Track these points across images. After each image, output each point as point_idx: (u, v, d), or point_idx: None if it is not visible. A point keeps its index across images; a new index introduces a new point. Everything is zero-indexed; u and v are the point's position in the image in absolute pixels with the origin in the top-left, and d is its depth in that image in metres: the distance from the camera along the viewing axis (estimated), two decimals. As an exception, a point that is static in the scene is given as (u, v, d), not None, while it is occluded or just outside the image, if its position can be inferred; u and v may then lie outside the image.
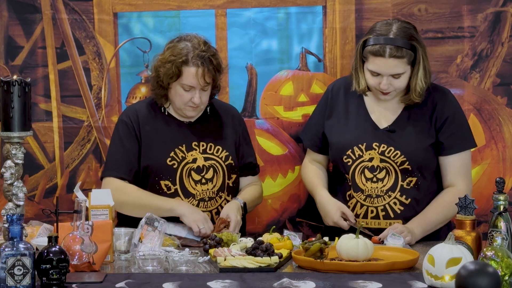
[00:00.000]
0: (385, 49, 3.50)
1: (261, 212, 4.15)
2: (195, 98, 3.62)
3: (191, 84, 3.62)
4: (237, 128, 3.82)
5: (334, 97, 3.74)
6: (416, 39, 3.55)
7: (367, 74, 3.59)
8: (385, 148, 3.60)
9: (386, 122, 3.66)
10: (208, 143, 3.73)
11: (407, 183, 3.61)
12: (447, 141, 3.62)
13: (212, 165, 3.71)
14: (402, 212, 3.61)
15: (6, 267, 2.70)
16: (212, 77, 3.64)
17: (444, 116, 3.62)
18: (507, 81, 4.10)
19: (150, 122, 3.74)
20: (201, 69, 3.60)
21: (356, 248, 3.04)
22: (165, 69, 3.62)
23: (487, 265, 2.45)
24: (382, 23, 3.59)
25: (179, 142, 3.70)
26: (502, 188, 2.99)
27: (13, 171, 3.00)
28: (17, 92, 2.96)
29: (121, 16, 4.14)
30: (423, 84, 3.58)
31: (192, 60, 3.60)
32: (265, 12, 4.12)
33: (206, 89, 3.65)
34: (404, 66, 3.53)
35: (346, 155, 3.64)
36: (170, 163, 3.68)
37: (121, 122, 3.76)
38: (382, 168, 3.61)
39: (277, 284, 2.82)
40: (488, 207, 3.67)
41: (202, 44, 3.64)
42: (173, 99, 3.68)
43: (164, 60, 3.64)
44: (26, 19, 4.12)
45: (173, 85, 3.65)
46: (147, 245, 3.22)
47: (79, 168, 4.17)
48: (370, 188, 3.63)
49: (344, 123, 3.69)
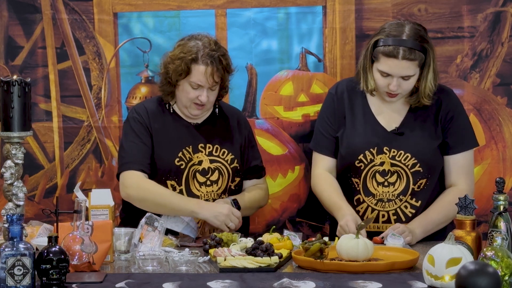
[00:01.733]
0: (399, 51, 3.48)
1: (261, 212, 4.14)
2: (202, 97, 3.62)
3: (199, 82, 3.61)
4: (243, 131, 3.81)
5: (339, 101, 3.71)
6: (428, 41, 3.54)
7: (376, 74, 3.57)
8: (395, 153, 3.59)
9: (393, 124, 3.64)
10: (215, 145, 3.72)
11: (418, 185, 3.60)
12: (452, 140, 3.62)
13: (217, 167, 3.71)
14: (413, 215, 3.60)
15: (6, 267, 2.70)
16: (220, 76, 3.64)
17: (449, 115, 3.62)
18: (507, 81, 4.10)
19: (159, 119, 3.72)
20: (210, 67, 3.60)
21: (356, 248, 3.04)
22: (174, 65, 3.62)
23: (487, 265, 2.45)
24: (393, 23, 3.57)
25: (186, 143, 3.70)
26: (502, 188, 2.99)
27: (13, 171, 3.00)
28: (17, 92, 2.96)
29: (121, 16, 4.14)
30: (433, 86, 3.57)
31: (202, 58, 3.60)
32: (265, 12, 4.12)
33: (214, 88, 3.65)
34: (414, 68, 3.52)
35: (358, 160, 3.61)
36: (178, 163, 3.67)
37: (132, 119, 3.72)
38: (393, 172, 3.60)
39: (277, 284, 2.82)
40: (488, 207, 3.67)
41: (212, 43, 3.64)
42: (180, 96, 3.67)
43: (174, 57, 3.64)
44: (26, 19, 4.12)
45: (182, 82, 3.64)
46: (147, 245, 3.22)
47: (79, 168, 4.17)
48: (381, 193, 3.61)
49: (352, 127, 3.67)
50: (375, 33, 3.60)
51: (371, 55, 3.56)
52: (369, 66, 3.59)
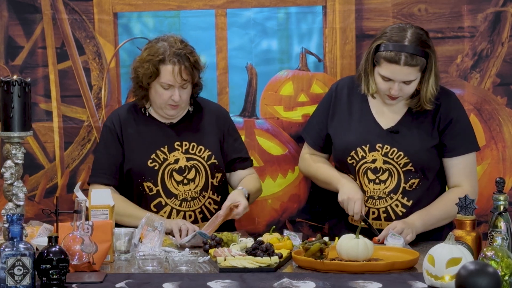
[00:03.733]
0: (400, 57, 3.47)
1: (261, 212, 4.15)
2: (174, 96, 3.66)
3: (169, 82, 3.65)
4: (221, 126, 3.83)
5: (337, 97, 3.73)
6: (429, 46, 3.53)
7: (378, 78, 3.56)
8: (388, 150, 3.60)
9: (389, 123, 3.65)
10: (191, 143, 3.76)
11: (410, 185, 3.60)
12: (450, 143, 3.61)
13: (194, 165, 3.73)
14: (403, 214, 3.60)
15: (6, 267, 2.70)
16: (189, 74, 3.67)
17: (448, 118, 3.61)
18: (507, 81, 4.10)
19: (132, 125, 3.78)
20: (178, 66, 3.64)
21: (356, 248, 3.04)
22: (143, 69, 3.68)
23: (487, 265, 2.45)
24: (395, 27, 3.55)
25: (161, 143, 3.74)
26: (502, 188, 2.99)
27: (13, 171, 3.00)
28: (17, 92, 2.96)
29: (121, 16, 4.14)
30: (434, 90, 3.56)
31: (169, 58, 3.64)
32: (265, 12, 4.12)
33: (185, 86, 3.69)
34: (416, 73, 3.51)
35: (350, 156, 3.63)
36: (151, 164, 3.71)
37: (105, 127, 3.83)
38: (385, 170, 3.60)
39: (277, 284, 2.82)
40: (488, 207, 3.67)
41: (178, 42, 3.69)
42: (154, 99, 3.72)
43: (142, 60, 3.70)
44: (26, 19, 4.12)
45: (153, 84, 3.69)
46: (147, 245, 3.22)
47: (79, 168, 4.17)
48: (372, 190, 3.62)
49: (347, 124, 3.68)
50: (376, 36, 3.59)
51: (373, 59, 3.56)
52: (371, 69, 3.58)
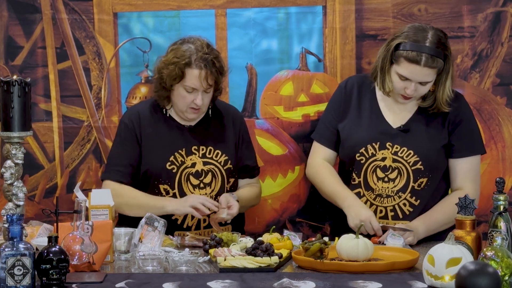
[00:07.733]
0: (422, 57, 3.46)
1: (261, 212, 4.15)
2: (197, 100, 3.63)
3: (194, 86, 3.62)
4: (237, 131, 3.81)
5: (347, 95, 3.71)
6: (448, 48, 3.53)
7: (394, 77, 3.55)
8: (398, 149, 3.59)
9: (399, 121, 3.65)
10: (208, 147, 3.73)
11: (418, 184, 3.60)
12: (458, 144, 3.61)
13: (211, 169, 3.71)
14: (411, 214, 3.60)
15: (6, 267, 2.70)
16: (214, 79, 3.64)
17: (457, 119, 3.61)
18: (507, 81, 4.10)
19: (151, 124, 3.74)
20: (204, 71, 3.60)
21: (356, 248, 3.04)
22: (168, 70, 3.63)
23: (487, 265, 2.45)
24: (416, 27, 3.54)
25: (179, 146, 3.71)
26: (502, 188, 2.99)
27: (13, 171, 3.00)
28: (17, 92, 2.96)
29: (121, 16, 4.14)
30: (451, 93, 3.56)
31: (195, 62, 3.60)
32: (265, 12, 4.12)
33: (208, 91, 3.66)
34: (434, 75, 3.51)
35: (359, 153, 3.62)
36: (170, 167, 3.68)
37: (123, 124, 3.77)
38: (394, 168, 3.60)
39: (277, 284, 2.82)
40: (488, 207, 3.67)
41: (205, 46, 3.64)
42: (176, 101, 3.68)
43: (167, 62, 3.64)
44: (26, 19, 4.12)
45: (176, 87, 3.65)
46: (147, 245, 3.22)
47: (79, 168, 4.17)
48: (381, 188, 3.62)
49: (357, 121, 3.67)
50: (395, 35, 3.56)
51: (392, 57, 3.55)
52: (388, 68, 3.57)
